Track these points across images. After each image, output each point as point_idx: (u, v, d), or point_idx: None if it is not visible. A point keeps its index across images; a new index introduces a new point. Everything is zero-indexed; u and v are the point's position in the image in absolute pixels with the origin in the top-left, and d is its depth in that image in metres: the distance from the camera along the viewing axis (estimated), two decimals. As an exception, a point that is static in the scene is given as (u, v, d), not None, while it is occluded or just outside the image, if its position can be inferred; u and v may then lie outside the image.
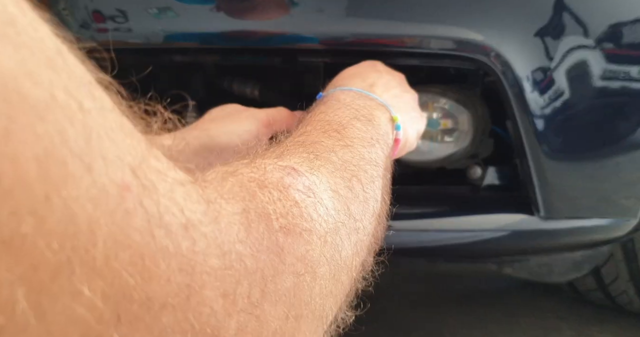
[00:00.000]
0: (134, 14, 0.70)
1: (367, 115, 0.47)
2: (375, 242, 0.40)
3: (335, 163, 0.36)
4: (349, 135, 0.41)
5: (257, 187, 0.28)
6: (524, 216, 0.78)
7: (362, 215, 0.36)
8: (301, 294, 0.28)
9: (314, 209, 0.30)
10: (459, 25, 0.69)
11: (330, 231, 0.31)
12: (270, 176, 0.30)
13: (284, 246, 0.27)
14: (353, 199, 0.36)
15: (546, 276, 1.01)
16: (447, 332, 1.18)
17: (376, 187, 0.40)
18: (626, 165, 0.80)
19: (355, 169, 0.38)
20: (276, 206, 0.28)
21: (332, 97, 0.50)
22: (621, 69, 0.75)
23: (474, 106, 0.74)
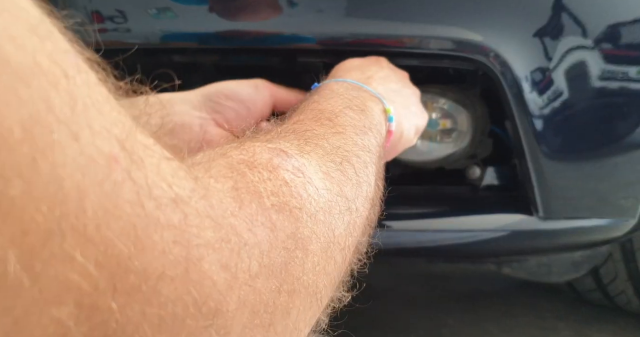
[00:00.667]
0: (132, 14, 0.70)
1: (359, 105, 0.47)
2: (369, 225, 0.40)
3: (326, 148, 0.37)
4: (341, 123, 0.42)
5: (246, 168, 0.29)
6: (523, 216, 0.78)
7: (354, 197, 0.36)
8: (293, 270, 0.28)
9: (303, 188, 0.31)
10: (458, 25, 0.69)
11: (321, 210, 0.31)
12: (259, 157, 0.30)
13: (276, 222, 0.27)
14: (345, 182, 0.36)
15: (545, 276, 1.02)
16: (447, 332, 1.18)
17: (369, 172, 0.40)
18: (625, 166, 0.80)
19: (347, 154, 0.38)
20: (266, 185, 0.28)
21: (327, 87, 0.51)
22: (620, 70, 0.75)
23: (473, 106, 0.74)
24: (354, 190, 0.37)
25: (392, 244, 0.77)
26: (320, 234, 0.31)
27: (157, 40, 0.71)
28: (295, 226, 0.28)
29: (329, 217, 0.32)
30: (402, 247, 0.78)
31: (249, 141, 0.33)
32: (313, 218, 0.30)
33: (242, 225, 0.25)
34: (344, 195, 0.35)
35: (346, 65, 0.60)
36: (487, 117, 0.76)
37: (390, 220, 0.76)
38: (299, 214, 0.29)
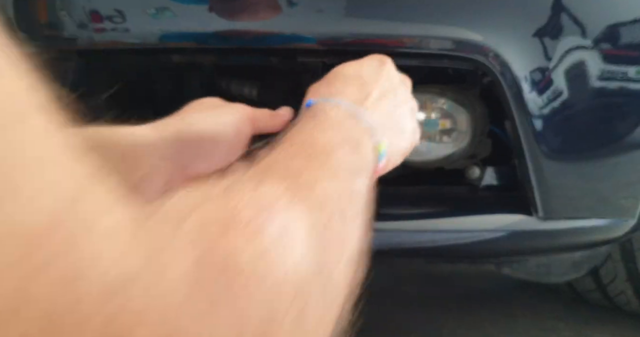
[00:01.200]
0: (131, 14, 0.70)
1: (354, 141, 0.44)
2: (353, 285, 0.36)
3: (318, 198, 0.33)
4: (335, 164, 0.38)
5: (221, 232, 0.24)
6: (523, 217, 0.78)
7: (338, 258, 0.33)
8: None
9: (283, 259, 0.27)
10: (457, 25, 0.69)
11: (300, 284, 0.27)
12: (241, 213, 0.26)
13: (243, 311, 0.23)
14: (331, 242, 0.32)
15: (544, 276, 1.01)
16: (446, 332, 1.18)
17: (358, 224, 0.37)
18: (624, 166, 0.80)
19: (339, 205, 0.35)
20: (240, 257, 0.24)
21: (322, 111, 0.47)
22: (619, 70, 0.75)
23: (472, 106, 0.74)
24: (339, 250, 0.33)
25: (391, 245, 0.77)
26: (295, 314, 0.26)
27: (155, 40, 0.71)
28: (267, 313, 0.24)
29: (309, 288, 0.28)
30: (401, 247, 0.78)
31: (234, 184, 0.29)
32: (293, 292, 0.26)
33: (194, 323, 0.21)
34: (327, 261, 0.31)
35: (344, 72, 0.55)
36: (486, 117, 0.76)
37: (389, 220, 0.76)
38: (278, 289, 0.25)
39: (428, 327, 1.20)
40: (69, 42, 0.75)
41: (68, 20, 0.73)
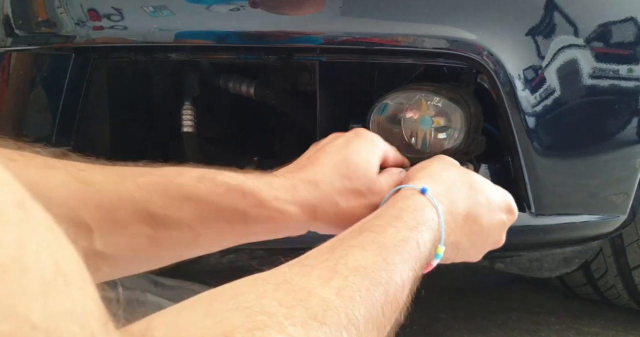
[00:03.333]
0: (129, 11, 0.71)
1: (422, 241, 0.45)
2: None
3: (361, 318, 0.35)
4: (395, 278, 0.40)
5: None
6: (516, 213, 0.79)
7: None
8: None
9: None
10: (452, 24, 0.70)
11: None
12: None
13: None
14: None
15: (537, 271, 1.03)
16: (440, 326, 1.19)
17: (396, 312, 0.40)
18: (615, 163, 0.81)
19: (378, 323, 0.37)
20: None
21: (417, 203, 0.48)
22: (610, 68, 0.76)
23: (466, 104, 0.75)
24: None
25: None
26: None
27: (154, 38, 0.71)
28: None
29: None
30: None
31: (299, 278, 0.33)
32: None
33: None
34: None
35: (443, 179, 0.54)
36: (480, 115, 0.77)
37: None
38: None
39: (422, 322, 1.21)
40: (67, 40, 0.75)
41: (65, 17, 0.74)
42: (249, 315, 0.29)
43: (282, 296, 0.32)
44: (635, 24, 0.77)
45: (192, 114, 0.86)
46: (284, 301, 0.32)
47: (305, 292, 0.33)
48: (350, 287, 0.35)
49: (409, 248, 0.43)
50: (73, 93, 0.78)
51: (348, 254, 0.39)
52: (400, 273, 0.40)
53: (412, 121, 0.75)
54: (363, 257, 0.39)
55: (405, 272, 0.41)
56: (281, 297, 0.32)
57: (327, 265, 0.37)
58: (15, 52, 0.80)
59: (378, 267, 0.39)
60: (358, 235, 0.42)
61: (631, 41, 0.78)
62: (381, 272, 0.39)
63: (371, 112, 0.75)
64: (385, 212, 0.47)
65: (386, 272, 0.39)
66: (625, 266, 1.11)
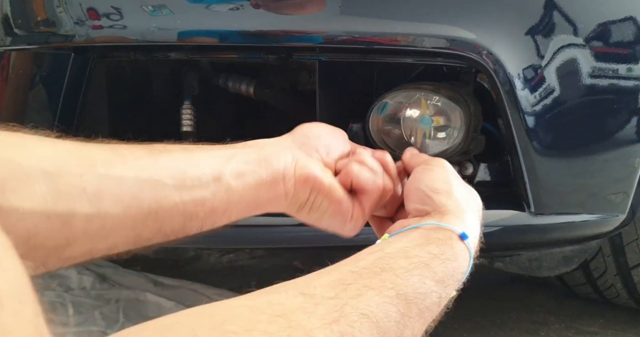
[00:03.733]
0: (129, 11, 0.71)
1: (444, 299, 0.43)
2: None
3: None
4: (406, 333, 0.37)
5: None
6: (515, 212, 0.79)
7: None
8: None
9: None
10: (451, 24, 0.70)
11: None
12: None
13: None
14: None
15: (536, 270, 1.03)
16: (439, 326, 1.19)
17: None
18: (614, 162, 0.81)
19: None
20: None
21: (449, 246, 0.45)
22: (610, 67, 0.76)
23: (466, 103, 0.75)
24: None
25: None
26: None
27: (153, 38, 0.71)
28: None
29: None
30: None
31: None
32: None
33: None
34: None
35: (451, 203, 0.51)
36: (479, 114, 0.77)
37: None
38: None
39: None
40: (66, 39, 0.75)
41: (65, 17, 0.74)
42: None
43: (275, 331, 0.29)
44: (634, 23, 0.77)
45: (192, 114, 0.86)
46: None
47: (302, 332, 0.31)
48: (354, 335, 0.33)
49: (429, 302, 0.40)
50: (72, 92, 0.78)
51: (361, 295, 0.36)
52: (412, 328, 0.38)
53: (412, 120, 0.75)
54: (377, 303, 0.36)
55: (418, 327, 0.39)
56: (274, 332, 0.29)
57: (335, 303, 0.34)
58: (14, 51, 0.80)
59: (391, 318, 0.36)
60: (378, 274, 0.38)
61: (630, 40, 0.78)
62: (392, 325, 0.36)
63: (370, 112, 0.75)
64: (414, 252, 0.43)
65: (398, 326, 0.36)
66: (624, 265, 1.11)
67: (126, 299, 1.23)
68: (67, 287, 1.30)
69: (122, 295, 1.25)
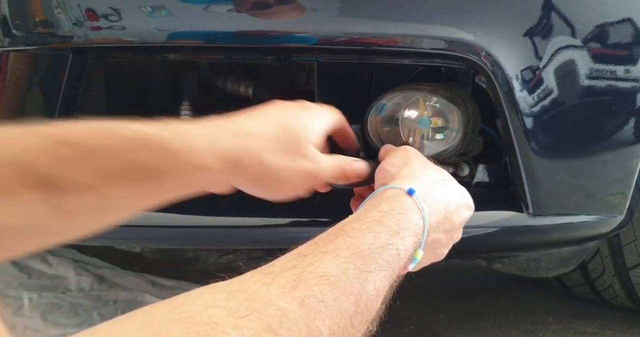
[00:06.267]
0: (127, 12, 0.71)
1: (401, 248, 0.43)
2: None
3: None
4: (368, 287, 0.37)
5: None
6: (513, 213, 0.79)
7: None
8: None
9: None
10: (449, 25, 0.70)
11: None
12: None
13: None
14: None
15: (534, 271, 1.03)
16: (438, 327, 1.19)
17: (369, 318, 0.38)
18: (613, 163, 0.82)
19: (346, 334, 0.34)
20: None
21: (400, 203, 0.46)
22: (608, 69, 0.77)
23: (464, 105, 0.75)
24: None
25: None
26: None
27: (152, 39, 0.71)
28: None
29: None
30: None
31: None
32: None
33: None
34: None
35: (403, 171, 0.53)
36: (478, 115, 0.77)
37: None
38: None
39: (420, 322, 1.21)
40: (64, 40, 0.75)
41: (63, 17, 0.74)
42: (190, 325, 0.27)
43: (234, 305, 0.29)
44: (632, 24, 0.77)
45: (190, 114, 0.86)
46: (235, 310, 0.29)
47: (262, 302, 0.31)
48: (315, 297, 0.33)
49: (387, 255, 0.40)
50: (71, 93, 0.78)
51: (318, 260, 0.36)
52: (374, 282, 0.38)
53: (410, 121, 0.75)
54: (334, 264, 0.36)
55: (380, 280, 0.38)
56: (233, 306, 0.29)
57: (293, 273, 0.34)
58: (12, 52, 0.79)
59: (350, 275, 0.36)
60: (334, 239, 0.39)
61: (628, 42, 0.78)
62: (352, 281, 0.36)
63: (369, 113, 0.75)
64: (366, 214, 0.44)
65: (358, 281, 0.36)
66: (622, 266, 1.12)
67: (124, 300, 1.23)
68: (65, 288, 1.30)
69: (120, 296, 1.25)
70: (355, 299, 0.35)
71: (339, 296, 0.34)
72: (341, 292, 0.35)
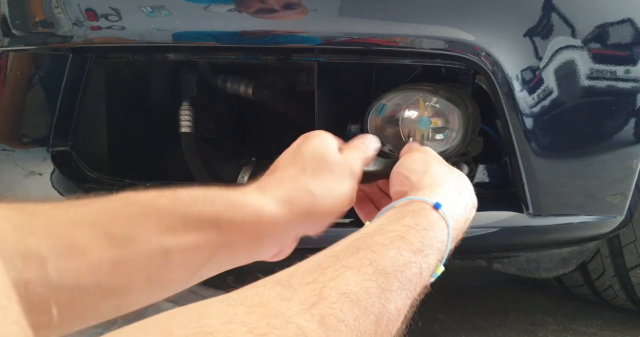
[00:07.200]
0: (127, 11, 0.71)
1: (425, 269, 0.42)
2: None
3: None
4: (389, 307, 0.36)
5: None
6: (514, 213, 0.79)
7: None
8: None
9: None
10: (449, 25, 0.70)
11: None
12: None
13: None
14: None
15: (534, 272, 1.03)
16: (438, 327, 1.19)
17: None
18: (612, 164, 0.82)
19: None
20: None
21: (425, 218, 0.45)
22: (608, 69, 0.77)
23: (464, 105, 0.75)
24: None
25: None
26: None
27: (152, 39, 0.71)
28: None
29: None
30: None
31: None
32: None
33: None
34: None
35: (438, 177, 0.52)
36: (478, 115, 0.77)
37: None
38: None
39: (421, 322, 1.21)
40: (64, 40, 0.75)
41: (63, 17, 0.73)
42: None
43: (253, 321, 0.29)
44: (632, 25, 0.78)
45: (190, 115, 0.86)
46: (254, 327, 0.28)
47: (282, 319, 0.30)
48: (336, 316, 0.32)
49: (409, 274, 0.39)
50: (70, 93, 0.78)
51: (340, 276, 0.35)
52: (396, 302, 0.37)
53: (410, 121, 0.75)
54: (355, 281, 0.35)
55: (402, 300, 0.38)
56: (252, 322, 0.29)
57: (313, 287, 0.33)
58: (12, 52, 0.79)
59: (371, 294, 0.35)
60: (355, 253, 0.38)
61: (628, 42, 0.78)
62: (374, 300, 0.35)
63: (369, 113, 0.75)
64: (389, 227, 0.43)
65: (380, 301, 0.35)
66: (622, 267, 1.12)
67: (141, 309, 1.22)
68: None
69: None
70: (376, 318, 0.35)
71: (360, 315, 0.33)
72: (362, 312, 0.34)
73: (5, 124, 0.82)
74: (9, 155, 0.81)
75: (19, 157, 0.81)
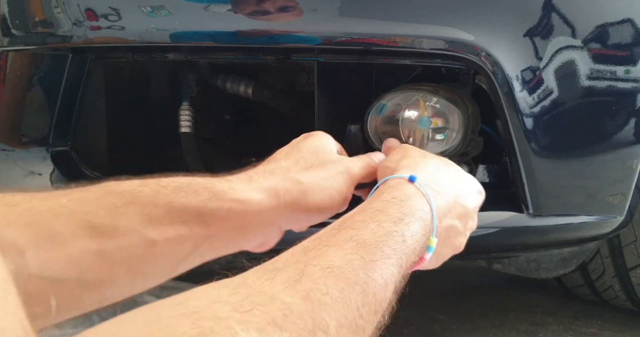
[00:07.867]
0: (127, 11, 0.70)
1: (412, 236, 0.42)
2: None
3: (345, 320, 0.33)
4: (374, 276, 0.36)
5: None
6: (514, 213, 0.79)
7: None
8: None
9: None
10: (449, 25, 0.70)
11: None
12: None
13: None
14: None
15: (534, 272, 1.03)
16: (438, 327, 1.19)
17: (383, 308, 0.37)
18: (612, 164, 0.81)
19: (355, 326, 0.34)
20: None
21: (404, 191, 0.45)
22: (608, 69, 0.77)
23: (464, 105, 0.75)
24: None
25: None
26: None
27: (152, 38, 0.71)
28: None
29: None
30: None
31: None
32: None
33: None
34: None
35: (418, 158, 0.53)
36: (478, 116, 0.77)
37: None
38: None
39: (420, 322, 1.21)
40: (64, 40, 0.75)
41: (63, 17, 0.73)
42: (195, 321, 0.27)
43: (238, 299, 0.29)
44: (632, 25, 0.78)
45: (190, 115, 0.86)
46: (239, 305, 0.29)
47: (266, 296, 0.30)
48: (320, 290, 0.32)
49: (392, 243, 0.40)
50: (70, 93, 0.78)
51: (322, 254, 0.36)
52: (381, 271, 0.37)
53: (410, 121, 0.75)
54: (338, 256, 0.36)
55: (387, 269, 0.38)
56: (237, 301, 0.29)
57: (297, 267, 0.34)
58: (12, 52, 0.79)
59: (354, 266, 0.36)
60: (337, 233, 0.39)
61: (628, 42, 0.78)
62: (358, 271, 0.35)
63: (369, 113, 0.75)
64: (368, 205, 0.44)
65: (364, 271, 0.36)
66: (622, 267, 1.12)
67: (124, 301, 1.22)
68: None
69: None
70: (362, 289, 0.35)
71: (345, 287, 0.34)
72: (347, 284, 0.34)
73: (5, 124, 0.82)
74: (9, 155, 0.81)
75: (18, 157, 0.81)
